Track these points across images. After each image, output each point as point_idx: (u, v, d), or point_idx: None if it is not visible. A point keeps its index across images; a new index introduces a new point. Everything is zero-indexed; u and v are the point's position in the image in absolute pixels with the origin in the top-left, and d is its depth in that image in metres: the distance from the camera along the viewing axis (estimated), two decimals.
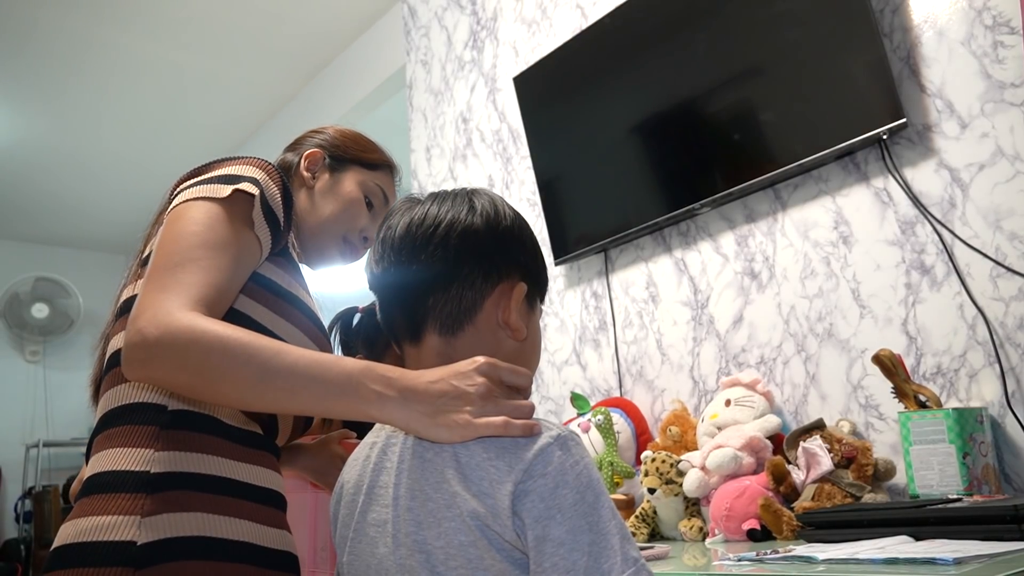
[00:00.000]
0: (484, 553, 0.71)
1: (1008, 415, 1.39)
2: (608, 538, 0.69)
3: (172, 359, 0.80)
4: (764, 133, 1.77)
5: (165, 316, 0.80)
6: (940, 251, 1.51)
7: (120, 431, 0.90)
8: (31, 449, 4.97)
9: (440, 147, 2.81)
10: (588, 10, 2.26)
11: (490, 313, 0.83)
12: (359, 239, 1.24)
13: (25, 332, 5.19)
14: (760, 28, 1.75)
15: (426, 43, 2.93)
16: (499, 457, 0.73)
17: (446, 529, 0.74)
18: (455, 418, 0.75)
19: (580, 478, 0.71)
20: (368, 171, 1.24)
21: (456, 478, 0.74)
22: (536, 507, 0.69)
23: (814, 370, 1.68)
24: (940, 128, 1.53)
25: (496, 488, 0.71)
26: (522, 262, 0.86)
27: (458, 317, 0.82)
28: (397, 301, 0.85)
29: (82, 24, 3.14)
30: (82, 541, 0.84)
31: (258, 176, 0.97)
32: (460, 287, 0.82)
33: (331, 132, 1.27)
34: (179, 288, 0.84)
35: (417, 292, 0.83)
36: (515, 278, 0.84)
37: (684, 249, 1.98)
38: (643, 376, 2.04)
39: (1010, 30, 1.44)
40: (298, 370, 0.78)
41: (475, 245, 0.83)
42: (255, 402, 0.82)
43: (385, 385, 0.77)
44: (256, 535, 0.89)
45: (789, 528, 1.37)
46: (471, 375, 0.76)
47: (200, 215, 0.91)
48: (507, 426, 0.73)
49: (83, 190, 4.69)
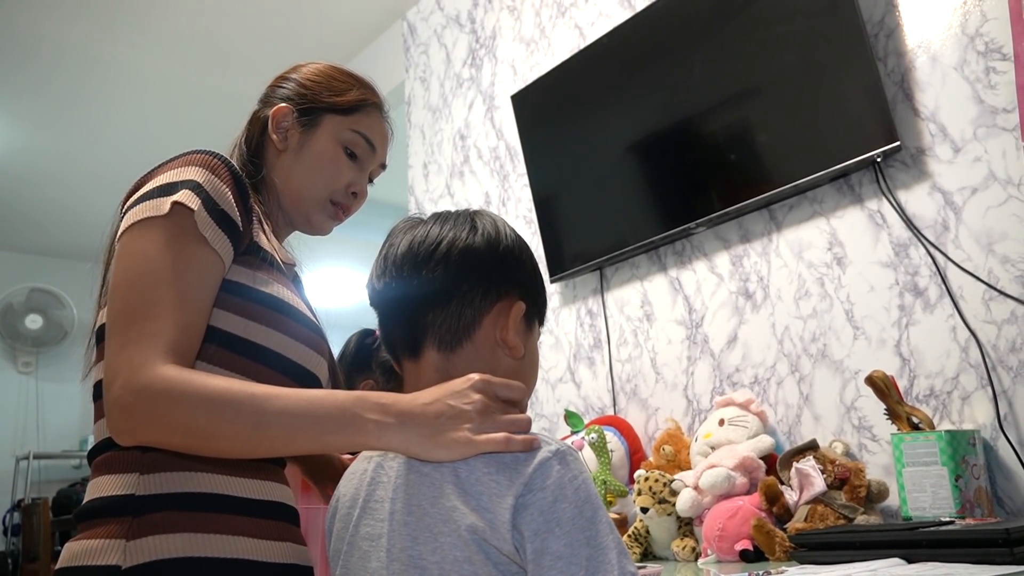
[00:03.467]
0: (480, 569, 0.72)
1: (1000, 438, 1.39)
2: (606, 552, 0.69)
3: (158, 424, 0.78)
4: (759, 154, 1.79)
5: (137, 379, 0.77)
6: (933, 273, 1.51)
7: (108, 458, 0.89)
8: (21, 461, 4.93)
9: (437, 163, 2.82)
10: (586, 30, 2.28)
11: (488, 330, 0.83)
12: (347, 196, 1.10)
13: (18, 343, 5.17)
14: (756, 50, 1.77)
15: (425, 60, 2.95)
16: (499, 472, 0.73)
17: (442, 544, 0.74)
18: (454, 436, 0.74)
19: (579, 492, 0.71)
20: (344, 117, 1.08)
21: (455, 492, 0.74)
22: (535, 520, 0.70)
23: (808, 391, 1.68)
24: (933, 152, 1.54)
25: (496, 502, 0.72)
26: (521, 282, 0.87)
27: (457, 333, 0.83)
28: (397, 316, 0.86)
29: (82, 37, 3.15)
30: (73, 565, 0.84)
31: (199, 178, 0.89)
32: (459, 303, 0.82)
33: (299, 77, 1.11)
34: (144, 340, 0.80)
35: (417, 307, 0.83)
36: (514, 297, 0.85)
37: (679, 268, 1.99)
38: (637, 394, 2.04)
39: (1002, 56, 1.46)
40: (290, 413, 0.77)
41: (475, 263, 0.84)
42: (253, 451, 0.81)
43: (381, 412, 0.76)
44: (254, 550, 0.87)
45: (782, 549, 1.36)
46: (467, 393, 0.76)
47: (147, 247, 0.85)
48: (508, 442, 0.74)
49: (80, 201, 4.68)
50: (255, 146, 1.09)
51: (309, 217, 1.09)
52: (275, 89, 1.13)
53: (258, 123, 1.10)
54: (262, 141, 1.08)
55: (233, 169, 0.94)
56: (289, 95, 1.10)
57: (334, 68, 1.13)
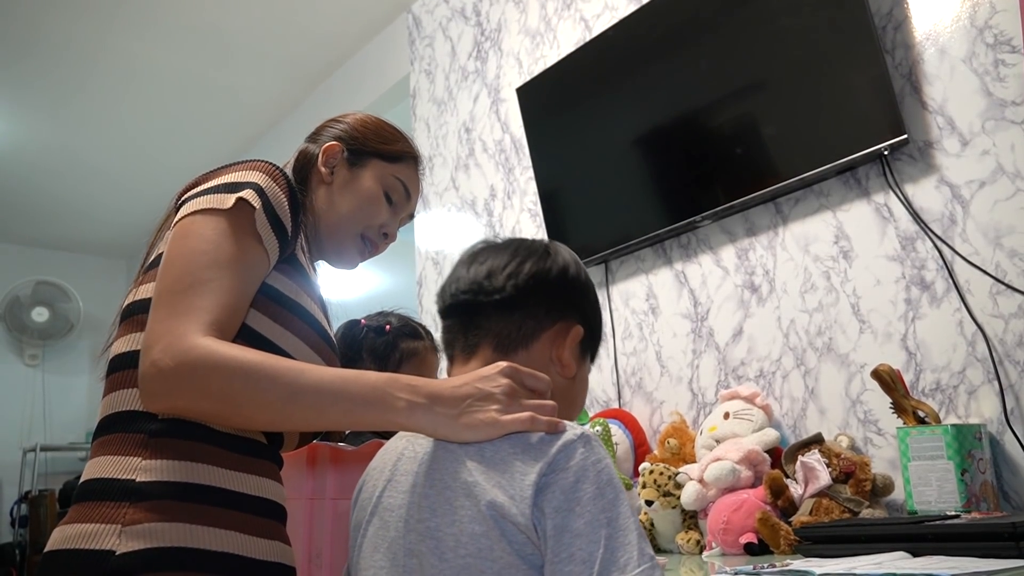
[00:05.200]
0: (495, 544, 0.74)
1: (1007, 432, 1.39)
2: (626, 533, 0.71)
3: (192, 388, 0.80)
4: (766, 147, 1.78)
5: (179, 344, 0.81)
6: (940, 267, 1.51)
7: (112, 439, 0.90)
8: (28, 453, 4.95)
9: (443, 156, 2.82)
10: (592, 23, 2.27)
11: (545, 345, 0.89)
12: (378, 235, 1.17)
13: (25, 336, 5.19)
14: (763, 43, 1.76)
15: (430, 53, 2.94)
16: (524, 452, 0.76)
17: (460, 517, 0.76)
18: (481, 417, 0.77)
19: (601, 475, 0.74)
20: (389, 164, 1.16)
21: (479, 468, 0.77)
22: (556, 499, 0.72)
23: (813, 384, 1.68)
24: (941, 145, 1.53)
25: (519, 480, 0.74)
26: (585, 311, 0.93)
27: (514, 340, 0.88)
28: (463, 320, 0.91)
29: (87, 30, 3.15)
30: (66, 548, 0.85)
31: (262, 182, 0.95)
32: (523, 315, 0.88)
33: (351, 122, 1.20)
34: (191, 313, 0.83)
35: (483, 311, 0.89)
36: (575, 322, 0.91)
37: (684, 261, 1.98)
38: (642, 388, 2.04)
39: (1011, 48, 1.45)
40: (323, 387, 0.81)
41: (545, 283, 0.90)
42: (283, 423, 0.85)
43: (412, 393, 0.80)
44: (243, 546, 0.88)
45: (786, 542, 1.36)
46: (495, 377, 0.80)
47: (207, 231, 0.90)
48: (533, 421, 0.77)
49: (85, 194, 4.70)
50: (301, 177, 1.14)
51: (341, 248, 1.15)
52: (326, 129, 1.20)
53: (306, 156, 1.17)
54: (308, 173, 1.15)
55: (291, 182, 1.00)
56: (340, 135, 1.17)
57: (382, 120, 1.22)
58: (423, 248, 2.90)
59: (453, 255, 2.73)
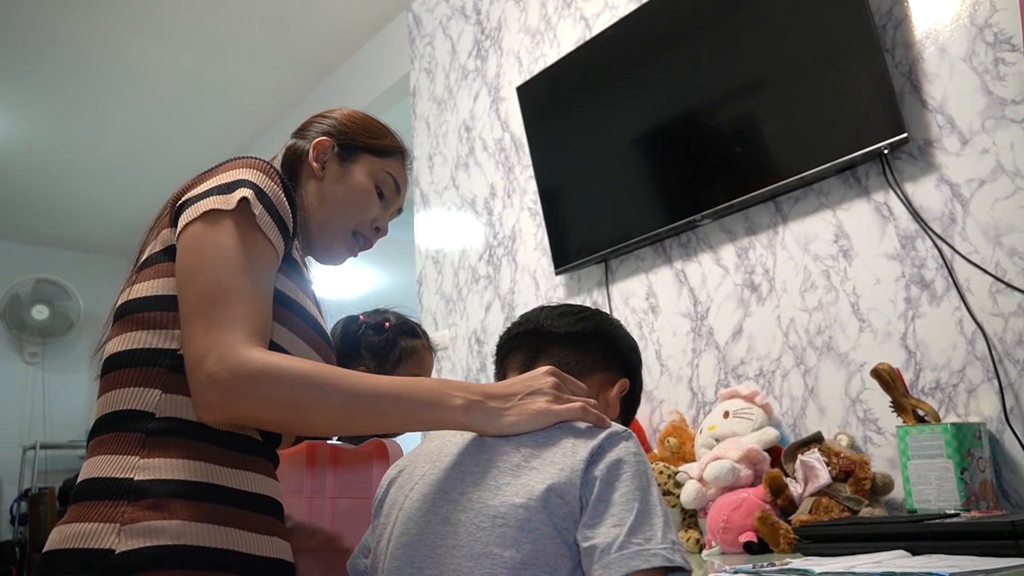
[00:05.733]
0: (534, 516, 0.79)
1: (1006, 431, 1.39)
2: (654, 515, 0.78)
3: (255, 399, 0.83)
4: (766, 146, 1.78)
5: (233, 356, 0.82)
6: (940, 266, 1.51)
7: (108, 438, 0.90)
8: (28, 451, 4.96)
9: (442, 155, 2.82)
10: (592, 22, 2.27)
11: (595, 385, 1.00)
12: (370, 229, 1.18)
13: (25, 334, 5.19)
14: (763, 42, 1.76)
15: (430, 51, 2.94)
16: (575, 436, 0.84)
17: (504, 491, 0.82)
18: (533, 408, 0.85)
19: (639, 465, 0.82)
20: (379, 159, 1.17)
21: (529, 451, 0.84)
22: (601, 472, 0.80)
23: (813, 383, 1.68)
24: (941, 144, 1.53)
25: (572, 454, 0.82)
26: (635, 373, 1.07)
27: (572, 369, 0.97)
28: (526, 345, 1.02)
29: (87, 26, 3.15)
30: (64, 548, 0.85)
31: (256, 180, 0.94)
32: (583, 352, 1.01)
33: (339, 117, 1.19)
34: (234, 323, 0.85)
35: (549, 340, 1.01)
36: (623, 376, 1.04)
37: (684, 260, 1.98)
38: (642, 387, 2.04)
39: (1011, 47, 1.45)
40: (383, 392, 0.85)
41: (610, 337, 1.06)
42: (345, 427, 0.91)
43: (466, 392, 0.86)
44: (243, 543, 0.88)
45: (786, 541, 1.36)
46: (541, 376, 0.88)
47: (223, 237, 0.90)
48: (584, 410, 0.85)
49: (85, 192, 4.70)
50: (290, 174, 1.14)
51: (331, 244, 1.15)
52: (313, 124, 1.20)
53: (295, 152, 1.16)
54: (298, 169, 1.15)
55: (284, 179, 0.99)
56: (329, 131, 1.17)
57: (369, 115, 1.23)
58: (423, 247, 2.90)
59: (453, 254, 2.73)
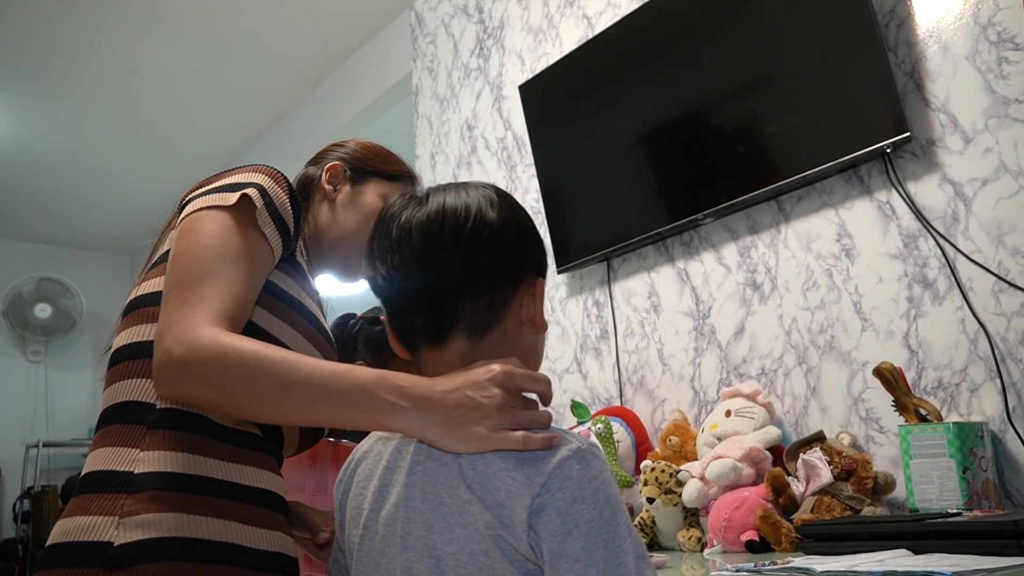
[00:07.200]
0: (496, 563, 0.71)
1: (1009, 430, 1.39)
2: (623, 556, 0.69)
3: (197, 376, 0.81)
4: (768, 145, 1.78)
5: (189, 333, 0.82)
6: (942, 265, 1.51)
7: (112, 430, 0.91)
8: (31, 449, 4.97)
9: (445, 154, 2.82)
10: (594, 20, 2.27)
11: (515, 312, 0.82)
12: None
13: (27, 332, 5.19)
14: (765, 40, 1.76)
15: (432, 50, 2.94)
16: (517, 468, 0.72)
17: (459, 536, 0.73)
18: (472, 431, 0.74)
19: (598, 493, 0.70)
20: (389, 183, 1.24)
21: (473, 485, 0.73)
22: (552, 522, 0.69)
23: (815, 382, 1.68)
24: (944, 143, 1.53)
25: (513, 500, 0.71)
26: (539, 259, 0.87)
27: (487, 320, 0.81)
28: (419, 307, 0.82)
29: (89, 27, 3.15)
30: (65, 541, 0.86)
31: (263, 182, 0.98)
32: (491, 290, 0.81)
33: (352, 145, 1.27)
34: (201, 304, 0.85)
35: (445, 297, 0.81)
36: (534, 275, 0.85)
37: (686, 259, 1.98)
38: (644, 385, 2.04)
39: (1015, 46, 1.45)
40: (313, 382, 0.79)
41: (502, 248, 0.82)
42: (275, 415, 0.84)
43: (399, 395, 0.76)
44: (242, 536, 0.88)
45: (788, 540, 1.36)
46: (487, 386, 0.75)
47: (213, 226, 0.92)
48: (526, 441, 0.72)
49: (88, 191, 4.70)
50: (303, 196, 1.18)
51: (347, 260, 1.19)
52: (327, 153, 1.27)
53: (307, 177, 1.23)
54: (311, 191, 1.21)
55: (291, 186, 1.02)
56: (342, 156, 1.25)
57: (381, 145, 1.29)
58: None
59: None
